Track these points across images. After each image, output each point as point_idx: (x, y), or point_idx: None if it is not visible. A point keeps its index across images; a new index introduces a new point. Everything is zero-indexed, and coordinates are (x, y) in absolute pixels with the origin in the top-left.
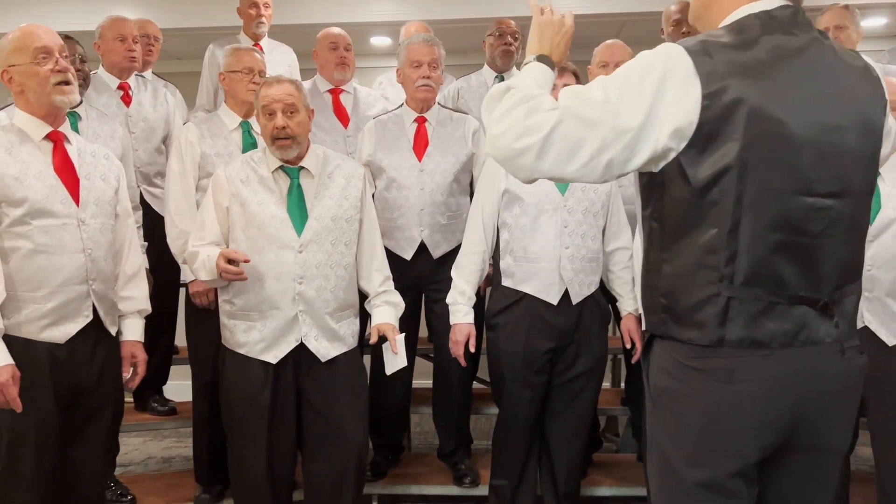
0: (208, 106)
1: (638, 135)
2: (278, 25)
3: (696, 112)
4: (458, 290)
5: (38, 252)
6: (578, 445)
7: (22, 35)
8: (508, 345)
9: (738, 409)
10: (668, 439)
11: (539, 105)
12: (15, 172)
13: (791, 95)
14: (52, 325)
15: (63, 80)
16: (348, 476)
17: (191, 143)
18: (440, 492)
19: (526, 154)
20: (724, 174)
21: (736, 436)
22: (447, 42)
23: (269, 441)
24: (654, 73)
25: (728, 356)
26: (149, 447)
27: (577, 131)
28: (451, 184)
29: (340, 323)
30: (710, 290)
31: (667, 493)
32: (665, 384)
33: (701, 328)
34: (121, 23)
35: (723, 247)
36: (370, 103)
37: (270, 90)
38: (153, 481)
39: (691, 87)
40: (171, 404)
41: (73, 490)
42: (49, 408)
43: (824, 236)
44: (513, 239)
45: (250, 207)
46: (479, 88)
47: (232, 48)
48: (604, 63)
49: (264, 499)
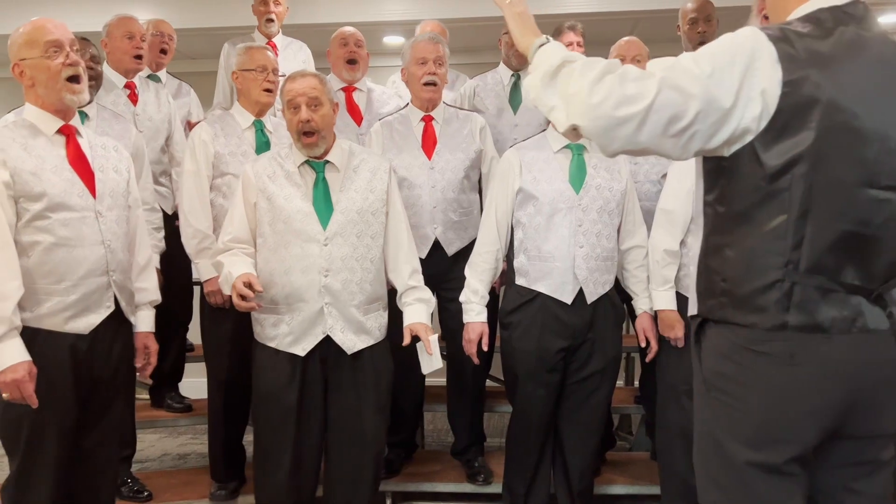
0: (225, 104)
1: (728, 112)
2: (292, 25)
3: (776, 97)
4: (471, 288)
5: (59, 245)
6: (592, 444)
7: (33, 29)
8: (522, 343)
9: (799, 392)
10: (722, 423)
11: (626, 73)
12: (32, 168)
13: (864, 89)
14: (75, 316)
15: (73, 73)
16: (366, 470)
17: (204, 142)
18: (453, 489)
19: (627, 123)
20: (797, 162)
21: (797, 419)
22: (459, 41)
23: (297, 435)
24: (743, 54)
25: (789, 340)
26: (165, 444)
27: (675, 102)
28: (461, 180)
29: (367, 316)
30: (775, 274)
31: (717, 477)
32: (722, 368)
33: (763, 312)
34: (129, 20)
35: (790, 233)
36: (384, 101)
37: (294, 84)
38: (169, 478)
39: (775, 72)
40: (187, 401)
41: (88, 481)
42: (69, 400)
43: (884, 228)
44: (527, 238)
45: (277, 202)
46: (496, 87)
47: (244, 46)
48: (620, 58)
49: (288, 493)
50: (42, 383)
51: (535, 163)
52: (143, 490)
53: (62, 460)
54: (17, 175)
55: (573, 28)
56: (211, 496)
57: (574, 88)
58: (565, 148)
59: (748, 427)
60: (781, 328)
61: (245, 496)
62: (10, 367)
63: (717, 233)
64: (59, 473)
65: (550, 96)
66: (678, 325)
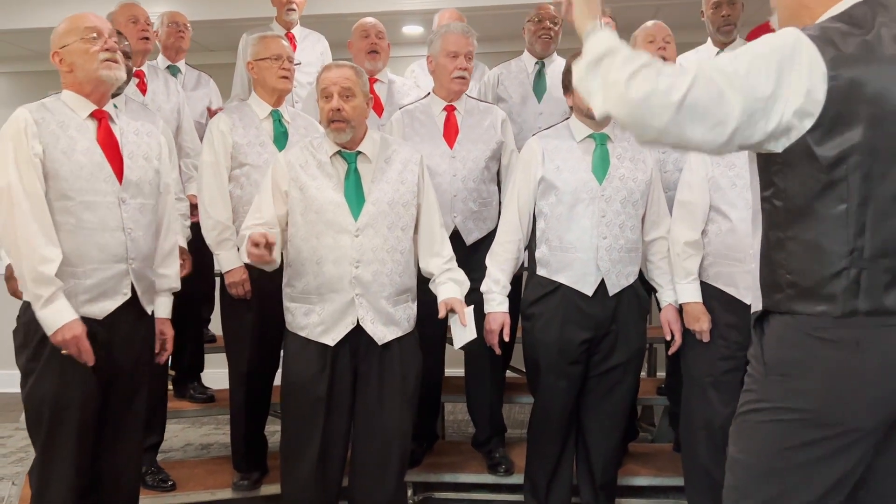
0: (243, 95)
1: (765, 107)
2: (311, 16)
3: (823, 93)
4: (492, 278)
5: (81, 228)
6: (615, 436)
7: (73, 18)
8: (544, 335)
9: (861, 378)
10: (782, 404)
11: (663, 68)
12: (64, 147)
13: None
14: (90, 300)
15: (110, 58)
16: (391, 462)
17: (222, 132)
18: (474, 480)
19: (660, 115)
20: (851, 153)
21: (856, 404)
22: (477, 29)
23: (325, 425)
24: (782, 51)
25: (857, 326)
26: (188, 434)
27: (709, 96)
28: (482, 171)
29: (397, 307)
30: (841, 263)
31: (771, 453)
32: (786, 355)
33: (832, 301)
34: (132, 5)
35: (852, 221)
36: (404, 93)
37: (329, 73)
38: (192, 467)
39: (818, 69)
40: (210, 392)
41: (111, 469)
42: (89, 385)
43: None
44: (548, 228)
45: (309, 192)
46: (519, 75)
47: (258, 36)
48: (651, 38)
49: (314, 484)
50: (59, 370)
51: (557, 152)
52: (167, 479)
53: (84, 447)
54: (48, 150)
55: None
56: (233, 486)
57: (613, 77)
58: (588, 138)
59: (807, 408)
60: (852, 315)
61: (267, 486)
62: (67, 325)
63: (777, 227)
64: (81, 460)
65: (591, 81)
66: (703, 318)
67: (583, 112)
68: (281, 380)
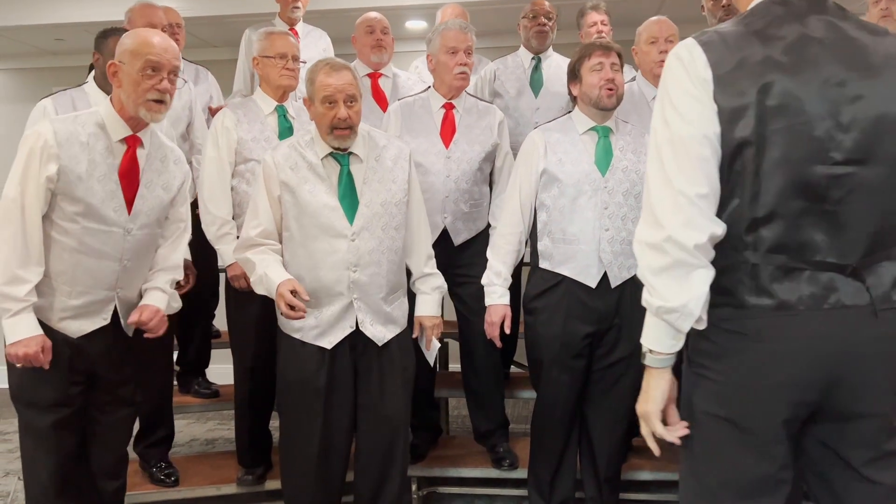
0: (245, 91)
1: (705, 141)
2: (314, 11)
3: (711, 95)
4: (493, 270)
5: (79, 252)
6: (619, 430)
7: (142, 43)
8: (546, 329)
9: (766, 366)
10: (699, 393)
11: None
12: (82, 171)
13: (806, 71)
14: (69, 318)
15: (160, 98)
16: (395, 452)
17: (227, 128)
18: (479, 474)
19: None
20: (745, 147)
21: (766, 392)
22: (480, 24)
23: (325, 423)
24: (681, 84)
25: (756, 318)
26: (192, 429)
27: (668, 196)
28: (475, 172)
29: (392, 305)
30: (738, 257)
31: (699, 450)
32: (701, 346)
33: (732, 294)
34: (151, 10)
35: (745, 216)
36: (409, 87)
37: (331, 79)
38: (197, 462)
39: (707, 74)
40: (214, 387)
41: (95, 475)
42: (65, 384)
43: (847, 202)
44: (551, 220)
45: (302, 196)
46: (516, 70)
47: (265, 32)
48: (653, 39)
49: (316, 481)
50: (36, 377)
51: (559, 144)
52: (172, 474)
53: (65, 443)
54: (63, 173)
55: (596, 8)
56: (238, 481)
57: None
58: (591, 130)
59: (723, 400)
60: (747, 308)
61: (272, 481)
62: (23, 341)
63: None
64: (62, 455)
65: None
66: None
67: (587, 102)
68: (277, 378)
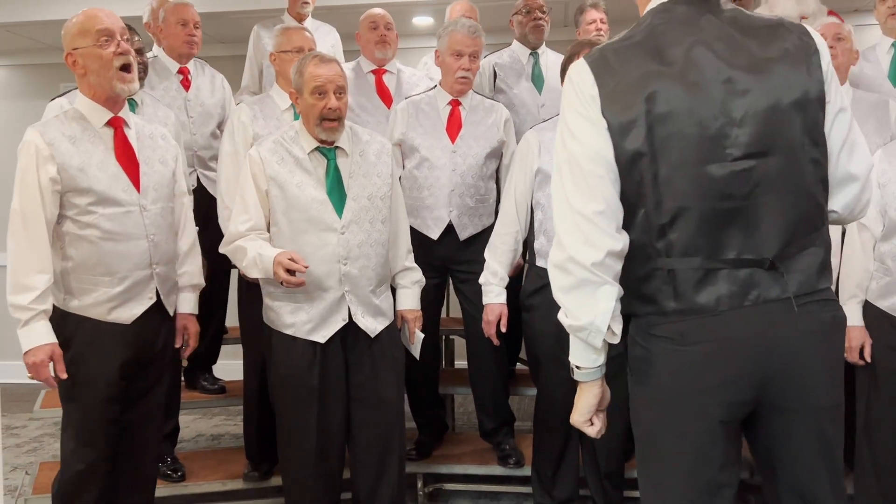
0: (253, 87)
1: (599, 156)
2: (323, 7)
3: (600, 110)
4: (490, 270)
5: (106, 239)
6: (619, 426)
7: (85, 19)
8: (543, 325)
9: (693, 368)
10: (640, 403)
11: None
12: (79, 163)
13: (690, 74)
14: (118, 306)
15: (125, 62)
16: (392, 444)
17: (243, 123)
18: (484, 471)
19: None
20: (639, 157)
21: (697, 394)
22: (489, 21)
23: (320, 418)
24: (569, 103)
25: (678, 321)
26: (199, 425)
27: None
28: (481, 167)
29: (380, 298)
30: (652, 264)
31: (645, 454)
32: (635, 352)
33: (653, 302)
34: (183, 7)
35: (653, 224)
36: (414, 83)
37: (321, 70)
38: (203, 458)
39: (594, 91)
40: (221, 383)
41: (131, 460)
42: (113, 388)
43: (755, 196)
44: (546, 219)
45: (290, 190)
46: (515, 66)
47: (282, 28)
48: None
49: (313, 477)
50: (90, 370)
51: (553, 143)
52: (178, 469)
53: (107, 433)
54: (63, 171)
55: (595, 6)
56: (244, 476)
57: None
58: None
59: (658, 404)
60: (667, 313)
61: (278, 477)
62: (32, 350)
63: None
64: (104, 442)
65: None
66: None
67: None
68: (270, 375)
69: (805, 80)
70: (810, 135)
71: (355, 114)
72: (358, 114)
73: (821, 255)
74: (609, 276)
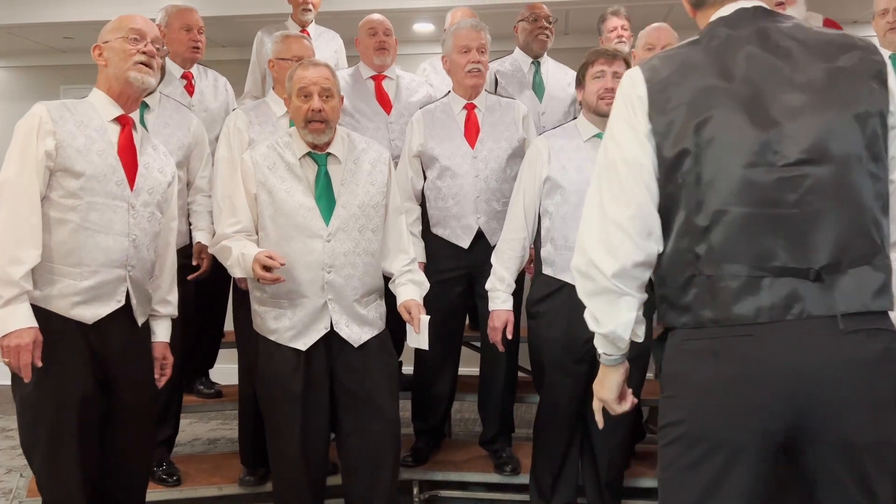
0: (256, 93)
1: (642, 162)
2: (326, 13)
3: (647, 113)
4: (496, 276)
5: (85, 228)
6: (620, 435)
7: (123, 17)
8: (549, 333)
9: (724, 390)
10: (668, 420)
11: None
12: (80, 145)
13: (742, 82)
14: (82, 303)
15: (145, 61)
16: (385, 453)
17: (239, 129)
18: (481, 479)
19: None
20: (684, 157)
21: (727, 417)
22: (491, 27)
23: (303, 424)
24: (615, 111)
25: (713, 337)
26: (195, 429)
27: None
28: (504, 169)
29: (368, 308)
30: (690, 270)
31: (671, 473)
32: (668, 370)
33: (689, 311)
34: (188, 13)
35: (693, 227)
36: (413, 89)
37: (307, 72)
38: (199, 462)
39: (642, 92)
40: (217, 387)
41: (117, 474)
42: (89, 381)
43: (806, 204)
44: (553, 227)
45: (278, 195)
46: (516, 73)
47: (282, 35)
48: (650, 46)
49: (300, 481)
50: (57, 370)
51: (563, 151)
52: (174, 474)
53: (86, 450)
54: (62, 147)
55: (616, 13)
56: (240, 481)
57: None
58: (595, 137)
59: (686, 424)
60: (703, 325)
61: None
62: (16, 332)
63: None
64: (85, 462)
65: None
66: None
67: (589, 109)
68: (257, 380)
69: (867, 95)
70: (870, 149)
71: (354, 119)
72: (357, 119)
73: (880, 278)
74: (631, 287)
